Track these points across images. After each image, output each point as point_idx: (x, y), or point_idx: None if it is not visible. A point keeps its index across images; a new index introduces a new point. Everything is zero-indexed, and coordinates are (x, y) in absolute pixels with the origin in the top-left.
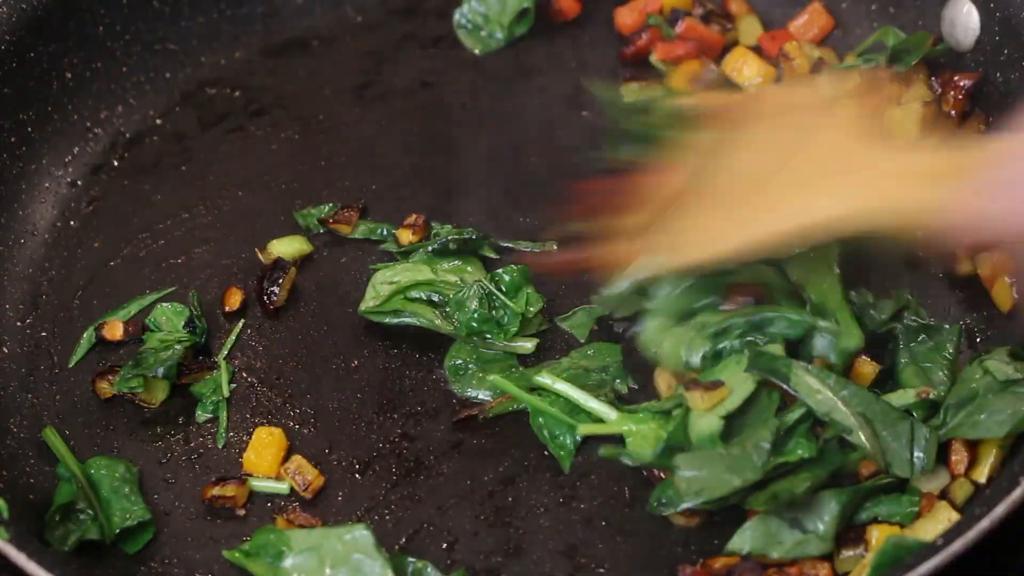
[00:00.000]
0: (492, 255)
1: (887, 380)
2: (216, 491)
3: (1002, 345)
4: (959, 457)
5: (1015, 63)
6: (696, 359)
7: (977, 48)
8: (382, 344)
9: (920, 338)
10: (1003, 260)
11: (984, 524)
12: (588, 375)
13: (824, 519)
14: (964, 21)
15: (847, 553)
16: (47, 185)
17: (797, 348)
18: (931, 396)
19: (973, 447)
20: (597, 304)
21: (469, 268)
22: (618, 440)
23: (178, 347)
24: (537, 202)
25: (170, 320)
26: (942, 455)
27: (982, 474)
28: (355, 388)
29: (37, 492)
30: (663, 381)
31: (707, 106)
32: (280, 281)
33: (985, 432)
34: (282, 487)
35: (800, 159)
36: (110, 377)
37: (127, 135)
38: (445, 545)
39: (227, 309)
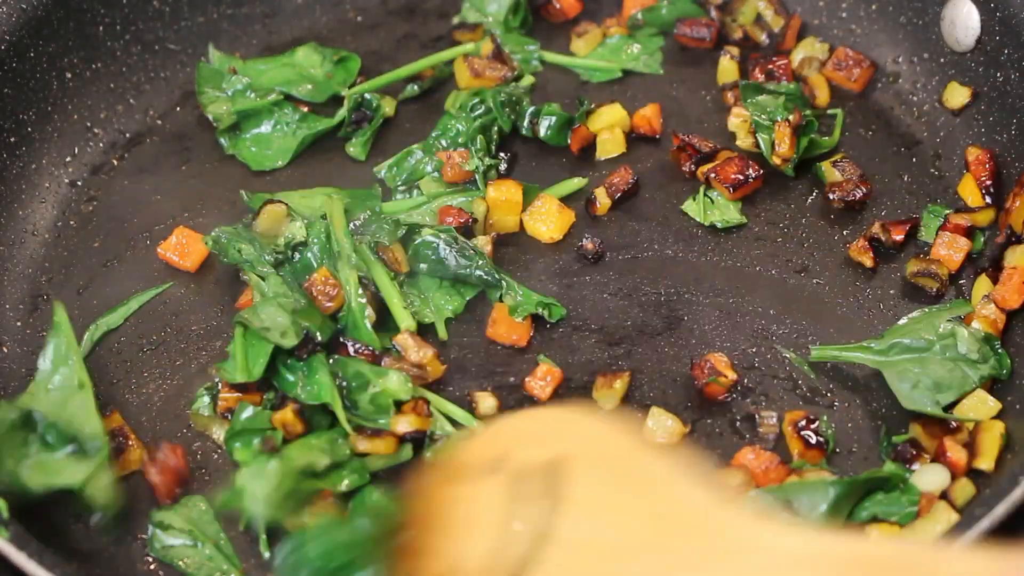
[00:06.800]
0: None
1: None
2: None
3: None
4: (957, 456)
5: (1015, 63)
6: None
7: (977, 48)
8: None
9: None
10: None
11: (984, 524)
12: None
13: (820, 508)
14: (964, 21)
15: None
16: (47, 185)
17: None
18: None
19: (970, 441)
20: None
21: None
22: None
23: None
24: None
25: None
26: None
27: (989, 463)
28: None
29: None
30: None
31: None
32: None
33: (900, 392)
34: None
35: (660, 533)
36: None
37: (127, 135)
38: None
39: None
